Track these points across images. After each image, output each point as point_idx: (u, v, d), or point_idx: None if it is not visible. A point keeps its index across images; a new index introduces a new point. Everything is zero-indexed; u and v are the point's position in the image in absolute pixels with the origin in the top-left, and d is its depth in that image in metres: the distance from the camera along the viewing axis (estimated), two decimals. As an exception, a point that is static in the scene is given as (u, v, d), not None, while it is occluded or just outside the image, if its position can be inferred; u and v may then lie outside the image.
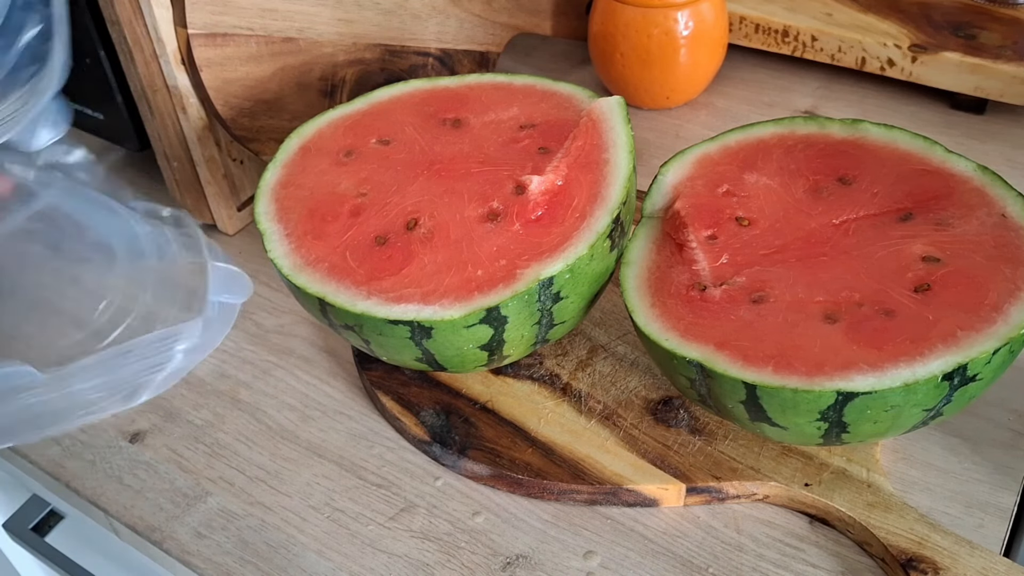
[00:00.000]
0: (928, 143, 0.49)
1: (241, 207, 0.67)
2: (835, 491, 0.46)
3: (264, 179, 0.52)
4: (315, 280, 0.47)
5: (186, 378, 0.57)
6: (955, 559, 0.43)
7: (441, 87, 0.57)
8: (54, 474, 0.52)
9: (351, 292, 0.46)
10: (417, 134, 0.54)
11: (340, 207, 0.50)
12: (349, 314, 0.45)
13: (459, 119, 0.55)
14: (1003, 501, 0.47)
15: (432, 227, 0.48)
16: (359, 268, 0.47)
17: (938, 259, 0.44)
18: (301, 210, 0.50)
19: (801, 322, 0.42)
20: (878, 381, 0.39)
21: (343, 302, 0.45)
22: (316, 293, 0.46)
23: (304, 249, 0.48)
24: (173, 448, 0.53)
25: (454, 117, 0.55)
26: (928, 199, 0.47)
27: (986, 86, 0.70)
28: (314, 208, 0.50)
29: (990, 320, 0.40)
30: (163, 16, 0.57)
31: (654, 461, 0.48)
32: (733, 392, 0.42)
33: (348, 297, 0.46)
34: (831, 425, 0.41)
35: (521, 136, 0.53)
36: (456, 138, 0.54)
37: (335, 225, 0.49)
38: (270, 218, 0.50)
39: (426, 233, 0.48)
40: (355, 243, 0.48)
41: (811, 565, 0.45)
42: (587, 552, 0.46)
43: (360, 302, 0.45)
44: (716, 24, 0.72)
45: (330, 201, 0.50)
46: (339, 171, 0.52)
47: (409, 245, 0.48)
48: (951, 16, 0.74)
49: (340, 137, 0.54)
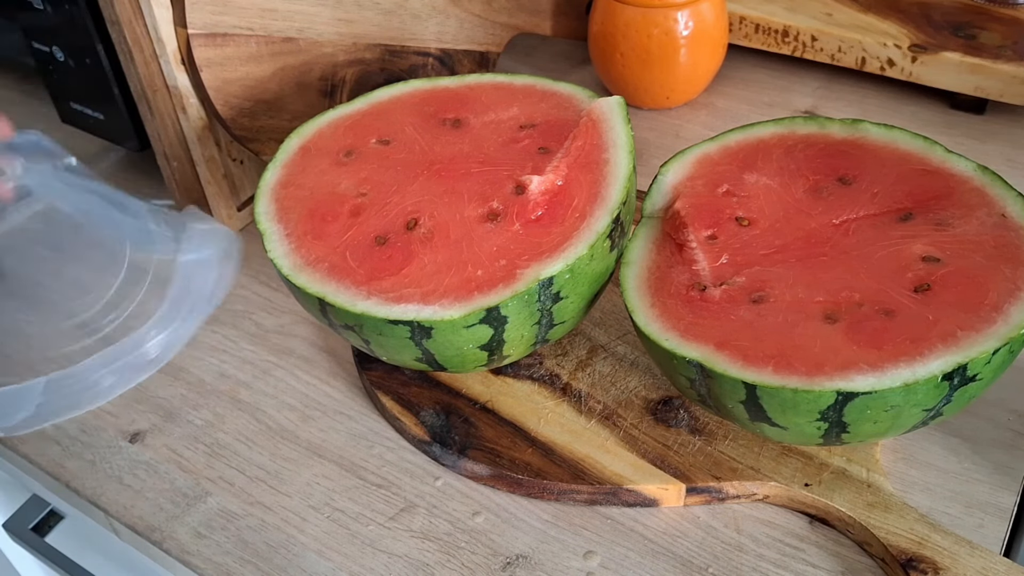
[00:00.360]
0: (928, 143, 0.49)
1: (241, 207, 0.67)
2: (835, 491, 0.46)
3: (264, 179, 0.52)
4: (315, 280, 0.47)
5: (185, 378, 0.57)
6: (955, 559, 0.43)
7: (441, 87, 0.57)
8: (54, 474, 0.52)
9: (351, 292, 0.46)
10: (417, 134, 0.54)
11: (340, 207, 0.50)
12: (349, 314, 0.45)
13: (459, 119, 0.55)
14: (1003, 501, 0.47)
15: (432, 227, 0.48)
16: (359, 268, 0.47)
17: (938, 259, 0.44)
18: (301, 210, 0.50)
19: (801, 322, 0.42)
20: (878, 381, 0.39)
21: (343, 302, 0.45)
22: (316, 293, 0.46)
23: (304, 249, 0.48)
24: (173, 448, 0.53)
25: (454, 117, 0.55)
26: (928, 199, 0.47)
27: (986, 86, 0.70)
28: (314, 208, 0.50)
29: (990, 320, 0.40)
30: (163, 16, 0.57)
31: (654, 461, 0.48)
32: (733, 392, 0.42)
33: (348, 297, 0.46)
34: (831, 425, 0.41)
35: (521, 136, 0.53)
36: (456, 138, 0.54)
37: (335, 225, 0.49)
38: (270, 218, 0.50)
39: (426, 233, 0.48)
40: (355, 243, 0.48)
41: (811, 565, 0.45)
42: (587, 552, 0.46)
43: (360, 302, 0.45)
44: (716, 24, 0.72)
45: (330, 201, 0.50)
46: (339, 171, 0.52)
47: (409, 245, 0.48)
48: (951, 16, 0.74)
49: (340, 137, 0.54)
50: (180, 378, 0.57)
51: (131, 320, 0.57)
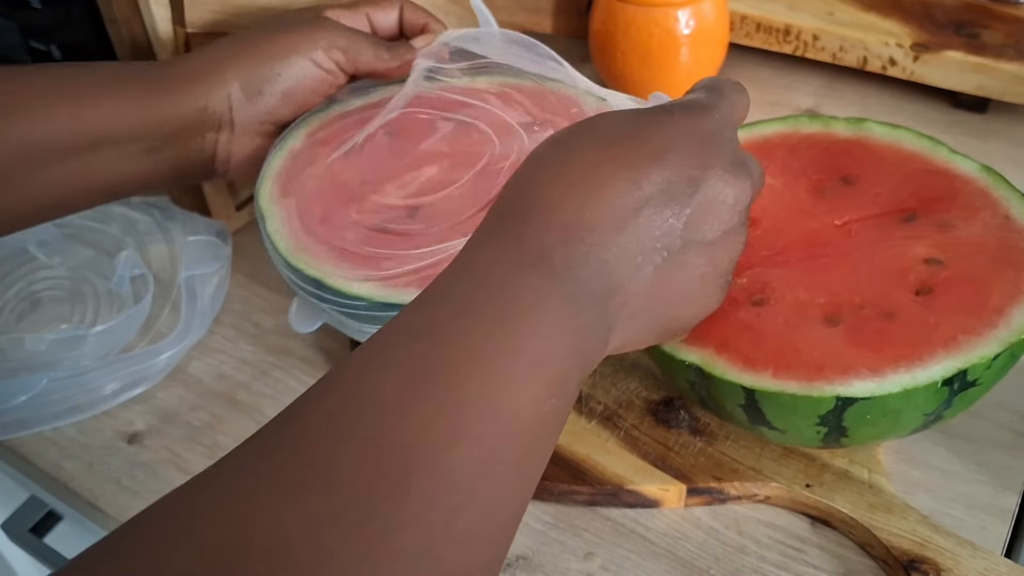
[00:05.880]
0: (933, 143, 0.49)
1: (240, 207, 0.67)
2: (837, 492, 0.46)
3: (270, 165, 0.53)
4: (312, 263, 0.47)
5: (184, 379, 0.56)
6: (957, 560, 0.42)
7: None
8: (52, 475, 0.52)
9: (349, 274, 0.46)
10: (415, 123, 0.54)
11: (345, 194, 0.50)
12: (344, 295, 0.45)
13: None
14: (1005, 502, 0.47)
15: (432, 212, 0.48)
16: (359, 252, 0.47)
17: (941, 261, 0.43)
18: (305, 195, 0.50)
19: (801, 324, 0.42)
20: (877, 386, 0.39)
21: (339, 284, 0.45)
22: (313, 274, 0.46)
23: (304, 232, 0.48)
24: (172, 449, 0.53)
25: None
26: (932, 200, 0.46)
27: (988, 85, 0.70)
28: (318, 194, 0.50)
29: (992, 324, 0.40)
30: (162, 15, 0.56)
31: (655, 462, 0.48)
32: (732, 396, 0.41)
33: (344, 279, 0.46)
34: (830, 429, 0.41)
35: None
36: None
37: (339, 212, 0.49)
38: (272, 201, 0.50)
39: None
40: (358, 229, 0.48)
41: (813, 567, 0.45)
42: (587, 553, 0.46)
43: (357, 284, 0.45)
44: (717, 23, 0.71)
45: (335, 188, 0.51)
46: (344, 160, 0.52)
47: (410, 227, 0.48)
48: (953, 15, 0.74)
49: (347, 130, 0.54)
50: (178, 379, 0.56)
51: (129, 321, 0.57)
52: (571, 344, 0.30)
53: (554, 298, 0.30)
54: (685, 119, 0.35)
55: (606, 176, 0.33)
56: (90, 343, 0.54)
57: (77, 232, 0.63)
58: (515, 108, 0.54)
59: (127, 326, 0.56)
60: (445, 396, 0.27)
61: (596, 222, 0.32)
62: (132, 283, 0.59)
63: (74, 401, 0.53)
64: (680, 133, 0.34)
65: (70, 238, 0.62)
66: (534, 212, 0.32)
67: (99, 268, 0.60)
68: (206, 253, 0.59)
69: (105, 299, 0.59)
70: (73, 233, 0.63)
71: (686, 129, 0.35)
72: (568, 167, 0.33)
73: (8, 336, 0.55)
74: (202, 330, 0.58)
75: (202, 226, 0.61)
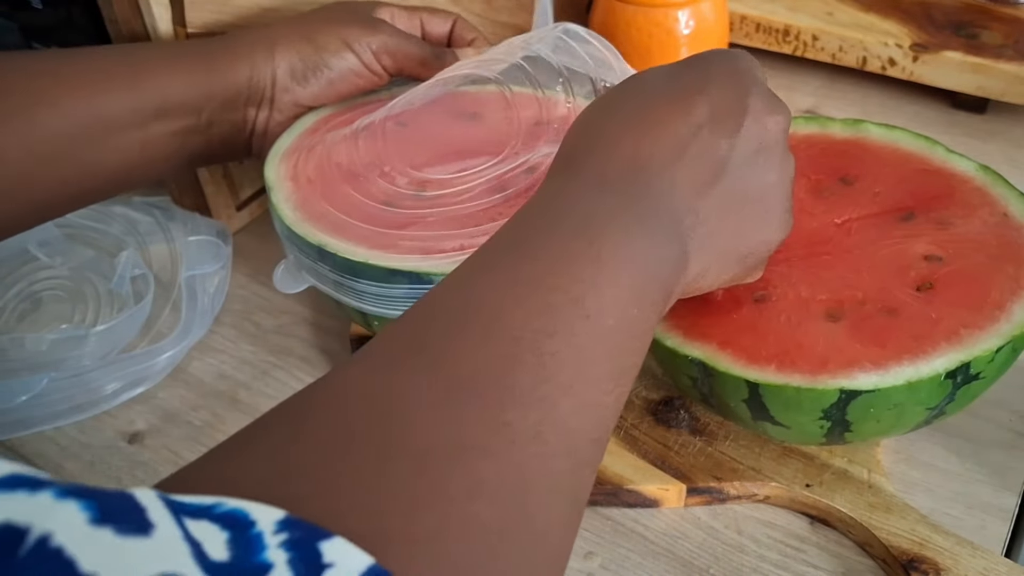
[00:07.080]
0: (929, 143, 0.49)
1: (241, 207, 0.67)
2: (836, 492, 0.46)
3: (279, 143, 0.54)
4: (315, 232, 0.48)
5: (184, 379, 0.56)
6: (956, 560, 0.42)
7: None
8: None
9: (352, 243, 0.47)
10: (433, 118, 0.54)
11: (352, 174, 0.51)
12: (348, 263, 0.46)
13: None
14: (1004, 502, 0.47)
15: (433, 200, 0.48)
16: (362, 226, 0.48)
17: (940, 258, 0.43)
18: (311, 170, 0.52)
19: (804, 321, 0.42)
20: (881, 379, 0.39)
21: (343, 250, 0.46)
22: (316, 242, 0.47)
23: (310, 204, 0.50)
24: (172, 449, 0.53)
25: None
26: (930, 199, 0.47)
27: (987, 85, 0.70)
28: (328, 172, 0.51)
29: (993, 318, 0.40)
30: (162, 15, 0.56)
31: (655, 462, 0.48)
32: (736, 391, 0.41)
33: (348, 246, 0.47)
34: (834, 423, 0.41)
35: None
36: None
37: (345, 189, 0.50)
38: (281, 176, 0.52)
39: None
40: (365, 206, 0.49)
41: (812, 566, 0.45)
42: (587, 553, 0.46)
43: (360, 250, 0.46)
44: (717, 23, 0.71)
45: (343, 168, 0.52)
46: (351, 142, 0.53)
47: (416, 209, 0.49)
48: (952, 15, 0.74)
49: (362, 116, 0.55)
50: (179, 379, 0.56)
51: (128, 319, 0.57)
52: (648, 256, 0.33)
53: (626, 215, 0.33)
54: (721, 60, 0.39)
55: (657, 113, 0.36)
56: (91, 343, 0.54)
57: (78, 232, 0.63)
58: (528, 109, 0.55)
59: (128, 326, 0.56)
60: (536, 296, 0.30)
61: (655, 151, 0.35)
62: (133, 283, 0.59)
63: (75, 401, 0.53)
64: (719, 72, 0.38)
65: (71, 238, 0.62)
66: (596, 151, 0.36)
67: (100, 268, 0.60)
68: (207, 253, 0.59)
69: (106, 299, 0.59)
70: (74, 233, 0.63)
71: (725, 68, 0.38)
72: (622, 112, 0.37)
73: (9, 336, 0.55)
74: (203, 330, 0.58)
75: (203, 226, 0.61)
